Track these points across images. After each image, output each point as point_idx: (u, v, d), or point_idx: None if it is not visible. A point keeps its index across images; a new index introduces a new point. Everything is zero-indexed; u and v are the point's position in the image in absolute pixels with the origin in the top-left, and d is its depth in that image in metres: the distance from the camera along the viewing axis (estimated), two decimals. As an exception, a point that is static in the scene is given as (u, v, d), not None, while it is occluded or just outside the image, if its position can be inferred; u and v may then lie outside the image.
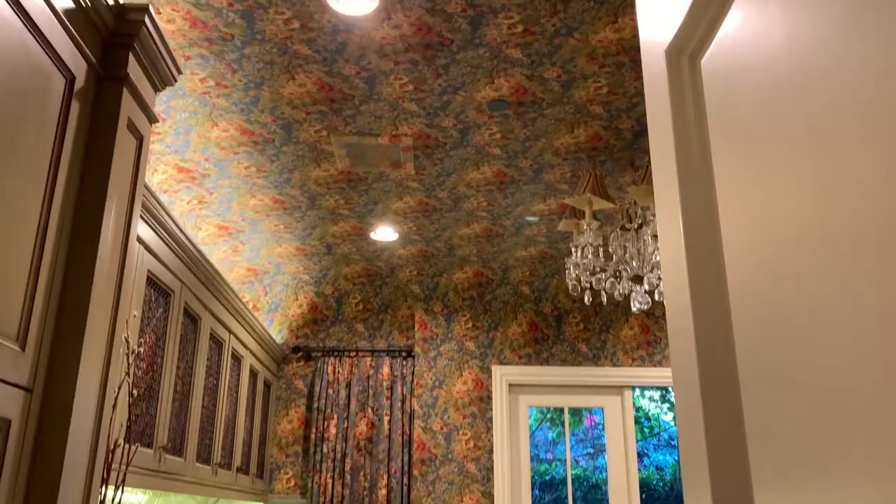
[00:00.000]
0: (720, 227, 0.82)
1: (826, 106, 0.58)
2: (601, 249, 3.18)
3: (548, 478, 7.52)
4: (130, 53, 1.66)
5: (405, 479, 4.82)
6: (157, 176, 3.53)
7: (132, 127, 1.68)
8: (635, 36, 2.57)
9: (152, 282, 2.63)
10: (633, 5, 2.41)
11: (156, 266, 2.63)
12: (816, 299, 0.55)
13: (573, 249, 3.27)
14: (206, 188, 3.74)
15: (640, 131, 3.20)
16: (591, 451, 8.89)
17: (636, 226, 3.19)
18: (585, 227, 3.14)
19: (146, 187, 2.36)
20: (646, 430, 10.59)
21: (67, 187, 1.48)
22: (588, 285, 3.24)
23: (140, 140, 1.75)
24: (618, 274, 3.23)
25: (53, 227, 1.43)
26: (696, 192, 0.87)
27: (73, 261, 1.47)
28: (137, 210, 1.73)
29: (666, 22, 0.94)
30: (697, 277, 0.84)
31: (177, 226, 2.71)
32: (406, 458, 4.86)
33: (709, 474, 0.70)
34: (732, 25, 0.81)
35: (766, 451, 0.62)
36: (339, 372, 5.01)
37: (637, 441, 6.04)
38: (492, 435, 4.85)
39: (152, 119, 1.81)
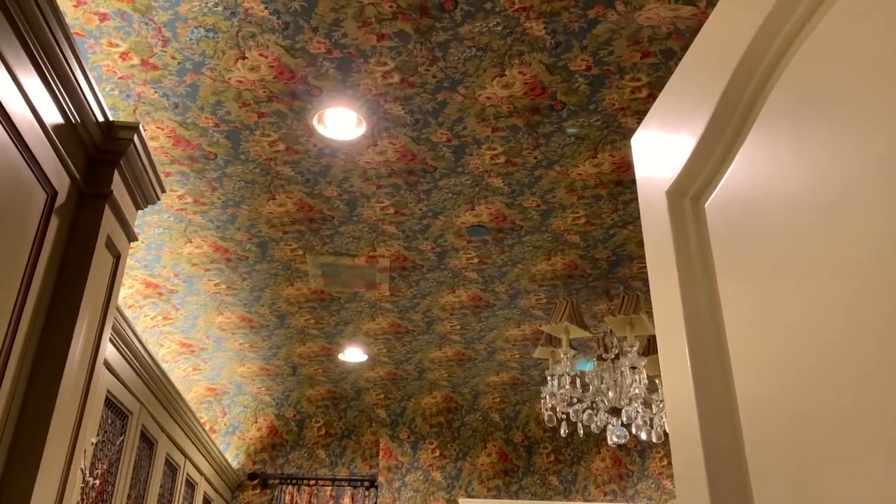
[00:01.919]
0: (731, 365, 0.78)
1: (852, 250, 0.56)
2: (578, 379, 3.13)
3: None
4: (116, 171, 1.63)
5: None
6: (123, 290, 3.43)
7: (110, 245, 1.63)
8: (613, 171, 2.63)
9: (111, 402, 2.48)
10: (612, 143, 2.48)
11: (116, 386, 2.49)
12: (842, 448, 0.51)
13: (549, 378, 3.21)
14: (172, 304, 3.63)
15: (616, 261, 3.23)
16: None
17: (613, 356, 3.16)
18: (562, 355, 3.09)
19: (114, 304, 2.26)
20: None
21: (37, 306, 1.40)
22: (564, 416, 3.16)
23: (117, 258, 1.69)
24: (594, 405, 3.16)
25: (18, 348, 1.33)
26: (702, 329, 0.84)
27: (34, 387, 1.36)
28: (108, 331, 1.64)
29: (666, 164, 0.94)
30: (707, 416, 0.79)
31: (141, 344, 2.60)
32: None
33: None
34: (740, 171, 0.81)
35: None
36: (296, 501, 4.73)
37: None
38: (457, 574, 4.56)
39: (131, 237, 1.75)
